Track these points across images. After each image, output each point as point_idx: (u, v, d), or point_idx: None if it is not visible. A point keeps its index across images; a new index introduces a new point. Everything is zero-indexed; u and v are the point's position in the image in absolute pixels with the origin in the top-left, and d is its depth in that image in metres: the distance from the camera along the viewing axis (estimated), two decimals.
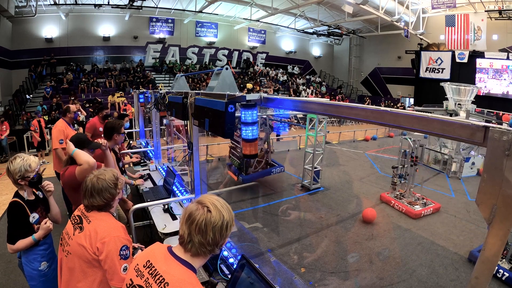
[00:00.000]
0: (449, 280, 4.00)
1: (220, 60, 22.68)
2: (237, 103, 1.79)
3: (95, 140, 2.86)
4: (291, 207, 6.40)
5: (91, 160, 2.33)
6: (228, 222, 1.27)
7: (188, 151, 2.49)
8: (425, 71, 21.12)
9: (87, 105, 13.68)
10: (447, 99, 11.18)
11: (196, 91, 2.42)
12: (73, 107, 4.98)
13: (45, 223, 2.29)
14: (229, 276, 2.06)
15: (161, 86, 16.88)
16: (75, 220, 1.84)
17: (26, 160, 2.19)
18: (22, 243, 2.18)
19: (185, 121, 2.55)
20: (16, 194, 2.25)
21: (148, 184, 4.22)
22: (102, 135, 3.60)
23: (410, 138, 6.74)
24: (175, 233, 2.78)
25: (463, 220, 5.84)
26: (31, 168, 2.21)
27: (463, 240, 5.06)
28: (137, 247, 2.19)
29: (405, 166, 6.71)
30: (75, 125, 8.36)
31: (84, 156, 2.34)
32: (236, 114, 1.83)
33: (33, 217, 2.27)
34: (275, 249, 4.62)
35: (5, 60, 14.78)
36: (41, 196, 2.40)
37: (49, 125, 11.15)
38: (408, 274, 4.08)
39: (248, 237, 4.77)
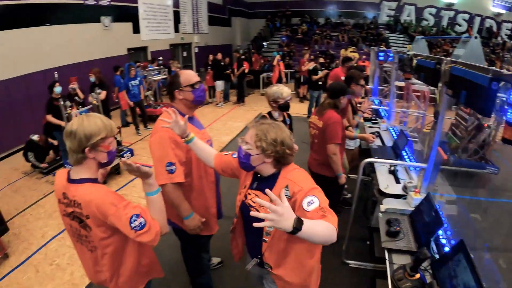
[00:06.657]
0: None
1: (460, 25, 17.34)
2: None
3: None
4: None
5: None
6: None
7: (433, 120, 2.43)
8: None
9: (320, 56, 14.13)
10: None
11: (451, 59, 2.24)
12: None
13: None
14: (436, 256, 2.00)
15: (409, 47, 15.47)
16: None
17: (281, 88, 2.74)
18: None
19: (433, 88, 2.44)
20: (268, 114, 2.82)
21: (378, 142, 4.41)
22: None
23: None
24: (395, 196, 2.80)
25: None
26: (282, 96, 2.69)
27: None
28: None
29: None
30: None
31: None
32: None
33: None
34: (493, 248, 3.74)
35: (244, 10, 18.58)
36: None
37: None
38: None
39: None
